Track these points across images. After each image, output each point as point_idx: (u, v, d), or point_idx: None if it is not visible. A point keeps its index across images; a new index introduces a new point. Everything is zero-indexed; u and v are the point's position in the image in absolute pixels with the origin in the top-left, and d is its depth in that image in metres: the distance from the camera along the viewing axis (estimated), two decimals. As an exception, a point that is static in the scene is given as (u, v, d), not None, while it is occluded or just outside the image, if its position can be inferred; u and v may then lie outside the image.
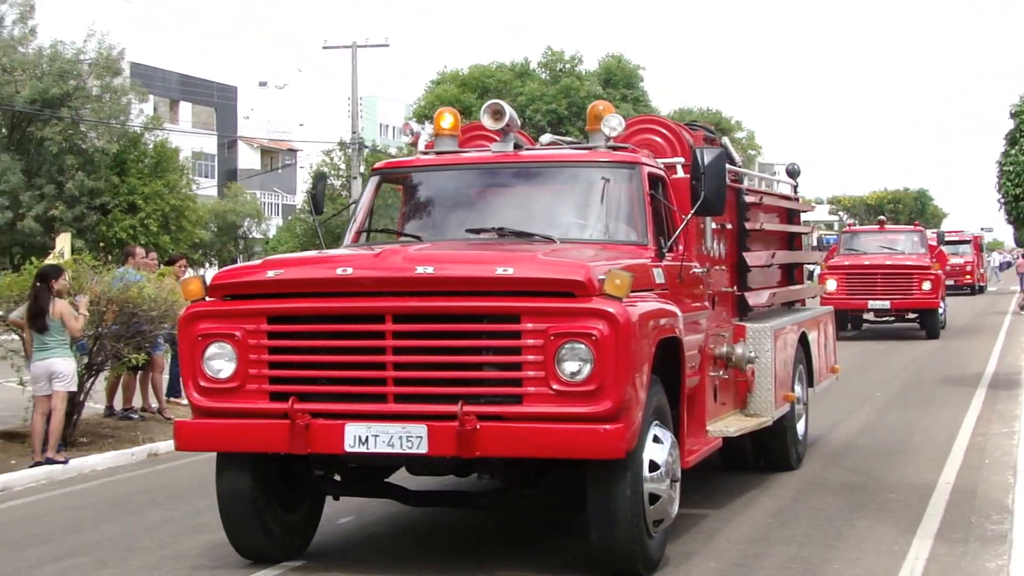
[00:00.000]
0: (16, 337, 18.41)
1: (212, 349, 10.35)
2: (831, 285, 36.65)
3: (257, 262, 11.35)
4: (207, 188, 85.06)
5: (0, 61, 50.53)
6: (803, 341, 16.43)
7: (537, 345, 9.57)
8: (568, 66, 41.38)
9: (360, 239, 12.96)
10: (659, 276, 11.33)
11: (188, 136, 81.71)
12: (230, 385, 10.29)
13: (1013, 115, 30.20)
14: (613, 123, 12.22)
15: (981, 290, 70.31)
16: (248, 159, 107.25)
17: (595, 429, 9.40)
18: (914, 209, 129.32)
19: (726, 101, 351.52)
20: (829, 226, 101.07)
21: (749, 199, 14.95)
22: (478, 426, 9.53)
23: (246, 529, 10.88)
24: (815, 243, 79.96)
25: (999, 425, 19.19)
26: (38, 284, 16.28)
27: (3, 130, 53.06)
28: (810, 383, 16.94)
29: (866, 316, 38.76)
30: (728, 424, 13.34)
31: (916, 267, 36.64)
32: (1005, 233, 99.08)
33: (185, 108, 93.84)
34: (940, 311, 37.54)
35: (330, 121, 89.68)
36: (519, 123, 12.92)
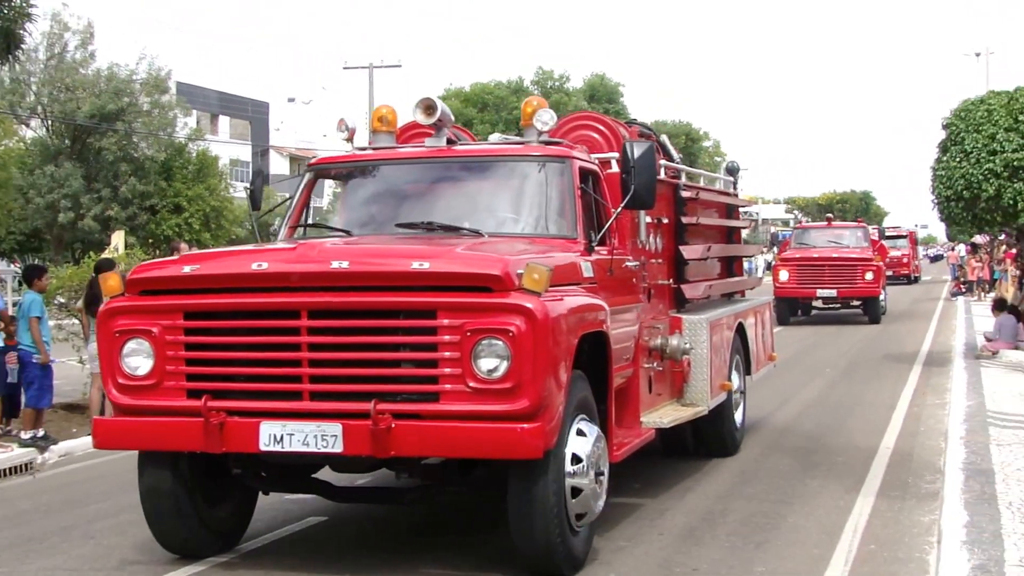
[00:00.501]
0: (77, 321, 19.04)
1: (130, 346, 9.23)
2: (784, 275, 36.47)
3: (175, 257, 9.99)
4: (243, 191, 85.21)
5: (64, 81, 51.77)
6: (740, 331, 15.11)
7: (454, 342, 8.49)
8: (557, 83, 41.34)
9: (294, 234, 11.54)
10: (587, 270, 10.10)
11: (226, 146, 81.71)
12: (148, 382, 9.16)
13: (945, 127, 30.23)
14: (545, 118, 11.06)
15: (916, 280, 69.97)
16: (278, 166, 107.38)
17: (512, 428, 8.36)
18: (859, 208, 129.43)
19: (696, 114, 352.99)
20: (785, 223, 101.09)
21: (686, 194, 13.67)
22: (393, 425, 8.50)
23: (169, 526, 9.76)
24: (771, 239, 79.72)
25: (933, 397, 19.21)
26: (95, 275, 16.29)
27: (66, 141, 53.75)
28: (748, 371, 15.64)
29: (815, 303, 37.92)
30: (663, 415, 12.06)
31: (860, 259, 36.27)
32: (938, 229, 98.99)
33: (224, 121, 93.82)
34: (881, 299, 37.28)
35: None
36: (452, 119, 11.80)
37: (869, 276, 35.62)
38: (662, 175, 12.36)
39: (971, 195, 28.86)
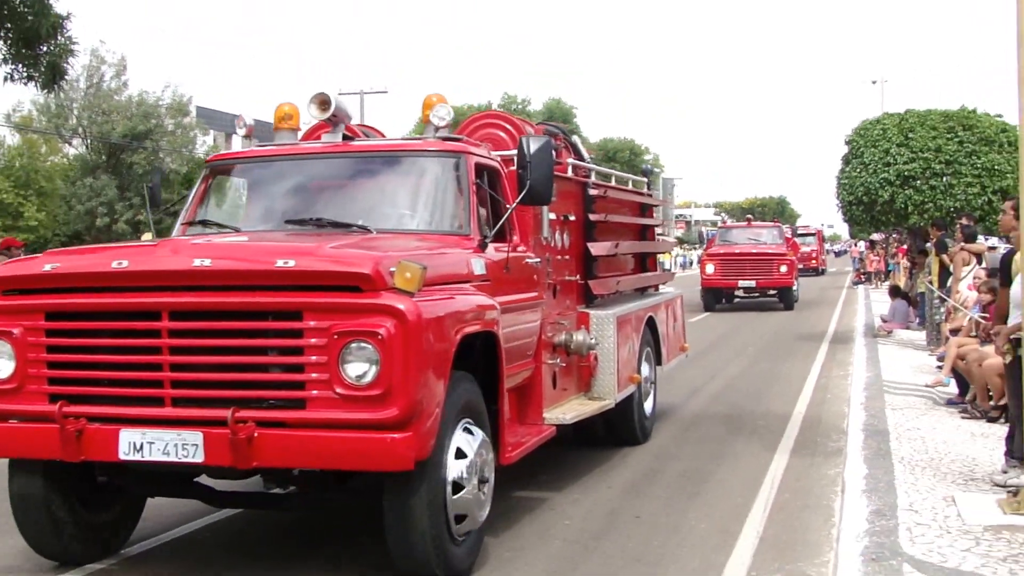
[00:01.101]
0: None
1: None
2: (710, 268, 36.09)
3: (39, 255, 8.34)
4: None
5: (101, 106, 53.71)
6: (651, 324, 13.43)
7: (320, 345, 7.01)
8: (520, 106, 41.21)
9: (188, 231, 9.67)
10: (479, 267, 8.55)
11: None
12: (9, 386, 7.57)
13: (847, 142, 30.48)
14: (441, 113, 9.45)
15: (823, 272, 69.88)
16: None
17: (381, 438, 6.93)
18: (776, 210, 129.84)
19: (640, 131, 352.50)
20: (713, 224, 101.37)
21: (594, 192, 11.98)
22: (255, 434, 6.99)
23: (43, 534, 8.06)
24: (699, 236, 79.83)
25: (838, 370, 19.27)
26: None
27: (103, 157, 56.31)
28: (659, 362, 14.00)
29: (737, 293, 37.50)
30: (567, 410, 10.46)
31: (775, 254, 35.82)
32: (842, 228, 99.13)
33: (236, 140, 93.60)
34: (794, 288, 37.09)
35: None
36: (350, 115, 10.32)
37: (784, 269, 35.34)
38: (569, 173, 11.39)
39: (869, 200, 29.11)
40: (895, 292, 28.42)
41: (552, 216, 10.50)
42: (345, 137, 9.95)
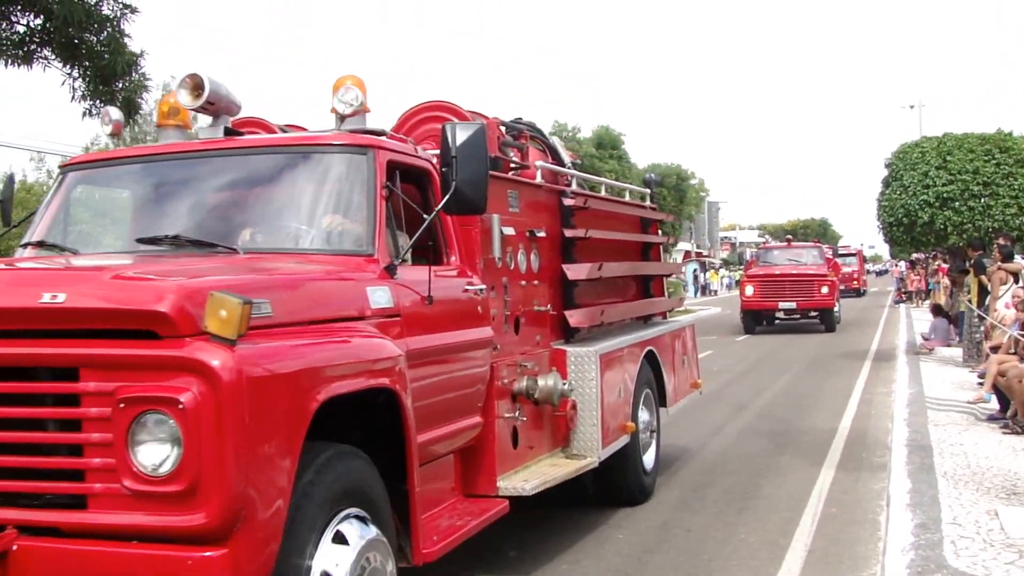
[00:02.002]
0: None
1: None
2: (749, 290, 34.50)
3: None
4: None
5: (144, 128, 54.32)
6: (651, 359, 11.04)
7: (102, 417, 4.70)
8: (570, 134, 41.30)
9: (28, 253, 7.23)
10: (381, 298, 6.22)
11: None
12: None
13: (887, 166, 30.42)
14: (348, 97, 7.17)
15: (864, 293, 68.03)
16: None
17: (183, 557, 4.57)
18: (818, 232, 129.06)
19: (686, 157, 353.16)
20: (757, 246, 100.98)
21: (572, 203, 9.64)
22: (14, 547, 4.72)
23: None
24: (738, 258, 77.92)
25: (881, 387, 19.12)
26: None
27: None
28: (663, 403, 11.53)
29: (778, 315, 35.46)
30: (532, 475, 8.07)
31: (816, 275, 33.98)
32: (883, 249, 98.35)
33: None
34: (835, 310, 35.59)
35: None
36: (237, 103, 7.52)
37: (825, 290, 33.68)
38: (538, 179, 9.23)
39: (909, 221, 28.94)
40: (937, 311, 28.17)
41: (510, 231, 8.25)
42: (232, 133, 7.44)
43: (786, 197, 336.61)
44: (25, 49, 7.30)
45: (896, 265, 70.51)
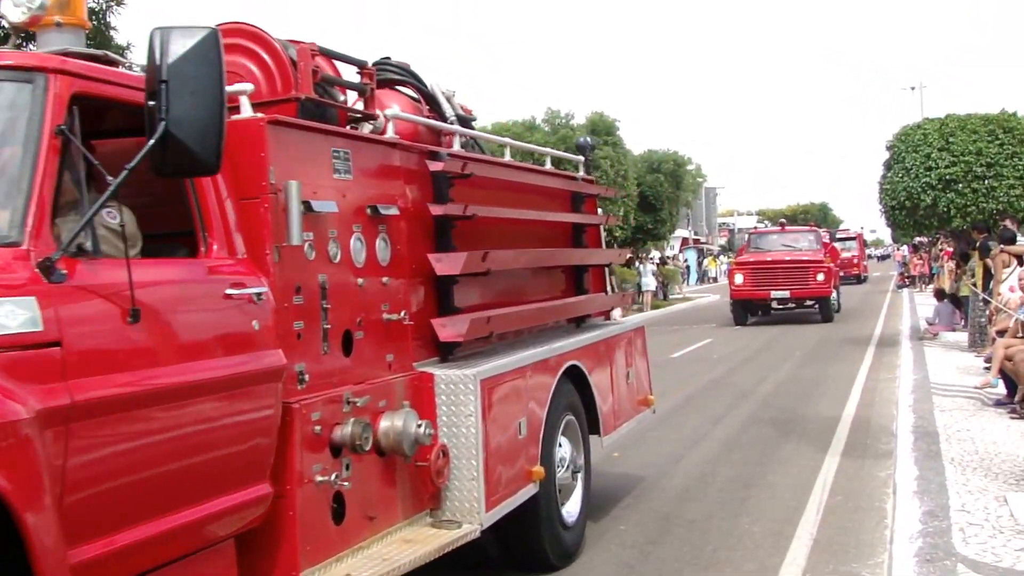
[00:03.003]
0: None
1: None
2: (739, 279, 32.54)
3: None
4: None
5: None
6: (576, 377, 8.48)
7: None
8: (563, 120, 41.22)
9: None
10: (13, 319, 3.94)
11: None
12: None
13: (888, 148, 30.52)
14: None
15: (864, 279, 66.06)
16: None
17: None
18: (818, 217, 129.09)
19: (682, 143, 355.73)
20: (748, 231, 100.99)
21: (443, 168, 7.11)
22: None
23: None
24: (729, 245, 75.25)
25: (885, 373, 19.16)
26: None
27: None
28: (596, 431, 9.01)
29: (773, 304, 33.48)
30: (363, 563, 5.81)
31: (811, 262, 32.00)
32: (885, 233, 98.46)
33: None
34: (832, 298, 33.63)
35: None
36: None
37: (820, 277, 31.76)
38: (390, 132, 6.77)
39: (912, 204, 29.00)
40: (940, 295, 28.20)
41: (327, 207, 5.91)
42: None
43: (785, 182, 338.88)
44: (8, 43, 7.23)
45: (899, 249, 70.47)
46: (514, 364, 7.35)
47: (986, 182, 28.04)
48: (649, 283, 45.08)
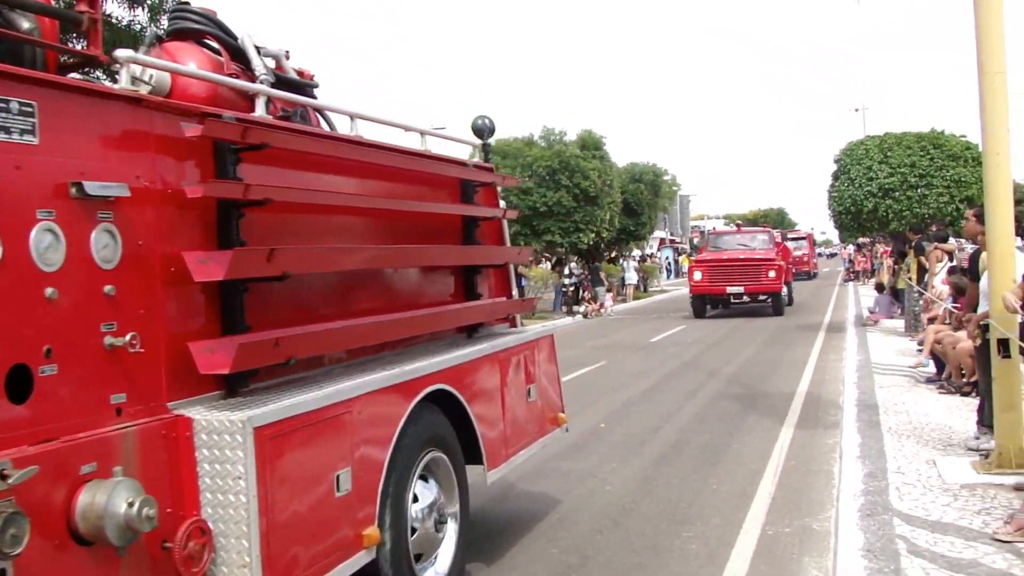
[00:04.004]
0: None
1: None
2: (697, 275, 30.93)
3: None
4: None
5: None
6: (447, 404, 6.17)
7: None
8: (558, 137, 41.16)
9: None
10: None
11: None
12: None
13: (836, 161, 30.66)
14: None
15: (814, 276, 64.15)
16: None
17: None
18: (776, 220, 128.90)
19: (660, 156, 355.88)
20: (705, 232, 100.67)
21: (218, 134, 4.58)
22: None
23: None
24: (691, 244, 74.16)
25: (833, 355, 19.16)
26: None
27: None
28: (476, 459, 6.56)
29: (731, 299, 31.52)
30: None
31: (764, 260, 30.42)
32: (833, 234, 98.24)
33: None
34: (784, 294, 31.70)
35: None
36: None
37: (772, 274, 30.14)
38: (124, 82, 4.36)
39: (856, 209, 29.18)
40: (880, 288, 28.27)
41: None
42: None
43: (748, 190, 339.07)
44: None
45: (845, 248, 70.30)
46: (327, 399, 4.77)
47: (919, 191, 28.17)
48: (631, 277, 45.36)
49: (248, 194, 4.68)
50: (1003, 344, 8.07)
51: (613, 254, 47.36)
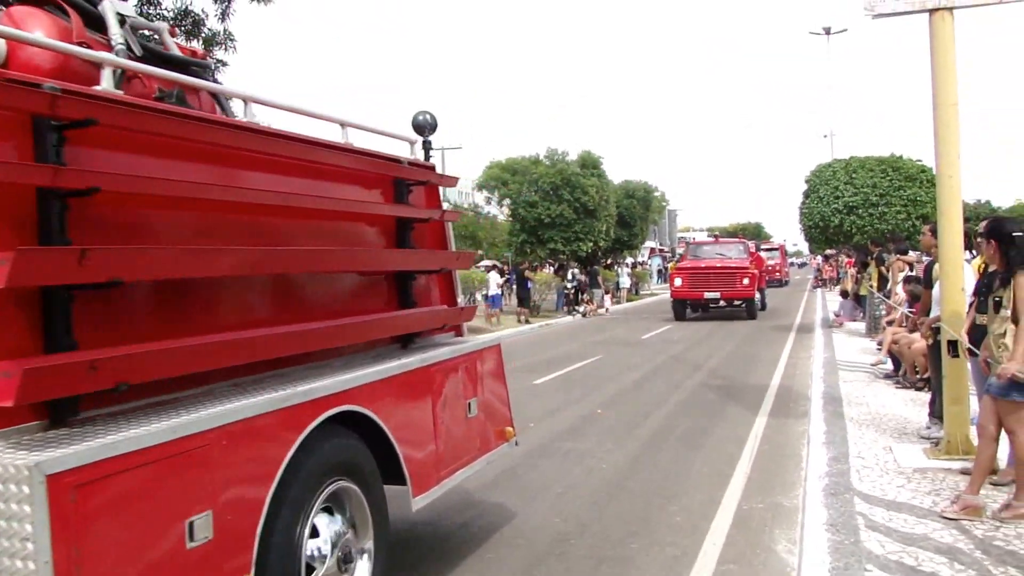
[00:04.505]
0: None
1: None
2: (678, 281, 30.19)
3: None
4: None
5: None
6: (361, 426, 4.86)
7: None
8: (560, 156, 41.23)
9: None
10: None
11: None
12: None
13: (806, 181, 30.61)
14: None
15: (786, 283, 62.66)
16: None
17: None
18: (753, 233, 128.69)
19: (651, 174, 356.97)
20: (687, 242, 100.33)
21: (50, 109, 3.32)
22: None
23: None
24: (673, 253, 73.55)
25: (803, 352, 19.13)
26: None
27: None
28: (398, 480, 5.22)
29: (710, 304, 30.74)
30: None
31: (738, 268, 29.64)
32: (803, 246, 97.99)
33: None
34: (757, 299, 30.98)
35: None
36: None
37: (746, 281, 29.42)
38: None
39: (824, 224, 29.17)
40: (844, 294, 28.23)
41: None
42: None
43: (730, 205, 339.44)
44: None
45: (814, 259, 70.12)
46: (171, 432, 3.49)
47: (879, 208, 28.19)
48: (625, 282, 45.59)
49: (60, 180, 3.37)
50: (952, 345, 8.10)
51: (609, 261, 47.37)
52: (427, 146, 6.98)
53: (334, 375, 4.79)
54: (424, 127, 7.05)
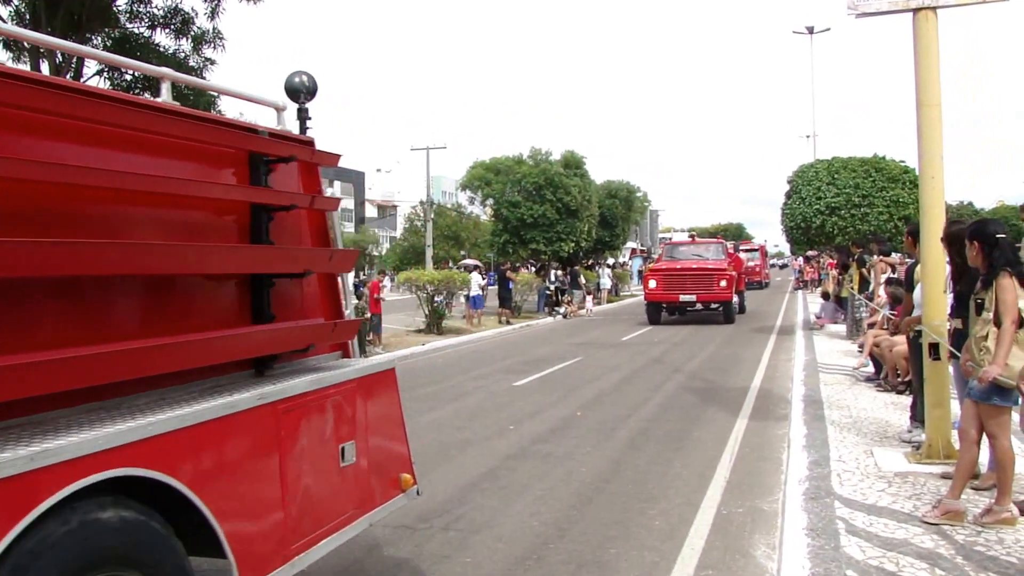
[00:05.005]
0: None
1: None
2: (652, 283, 28.94)
3: None
4: (348, 227, 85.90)
5: None
6: (154, 494, 3.36)
7: None
8: (543, 156, 41.21)
9: None
10: None
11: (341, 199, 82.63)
12: None
13: (788, 182, 30.67)
14: None
15: (766, 285, 61.89)
16: (371, 211, 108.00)
17: None
18: (735, 234, 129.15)
19: (633, 174, 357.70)
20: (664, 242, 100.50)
21: None
22: None
23: None
24: (649, 254, 72.86)
25: (783, 355, 19.18)
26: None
27: None
28: (215, 550, 3.64)
29: (687, 307, 29.68)
30: None
31: (715, 270, 28.56)
32: (785, 247, 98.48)
33: (336, 184, 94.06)
34: (734, 302, 29.71)
35: (415, 190, 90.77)
36: None
37: (723, 284, 28.34)
38: None
39: (806, 225, 29.17)
40: (826, 296, 28.30)
41: None
42: None
43: (712, 206, 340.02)
44: (130, 92, 6.88)
45: (795, 260, 70.26)
46: None
47: (862, 209, 28.21)
48: (606, 283, 45.46)
49: None
50: (934, 348, 8.07)
51: (590, 262, 47.35)
52: (303, 114, 5.62)
53: (114, 423, 3.44)
54: (299, 91, 5.74)
